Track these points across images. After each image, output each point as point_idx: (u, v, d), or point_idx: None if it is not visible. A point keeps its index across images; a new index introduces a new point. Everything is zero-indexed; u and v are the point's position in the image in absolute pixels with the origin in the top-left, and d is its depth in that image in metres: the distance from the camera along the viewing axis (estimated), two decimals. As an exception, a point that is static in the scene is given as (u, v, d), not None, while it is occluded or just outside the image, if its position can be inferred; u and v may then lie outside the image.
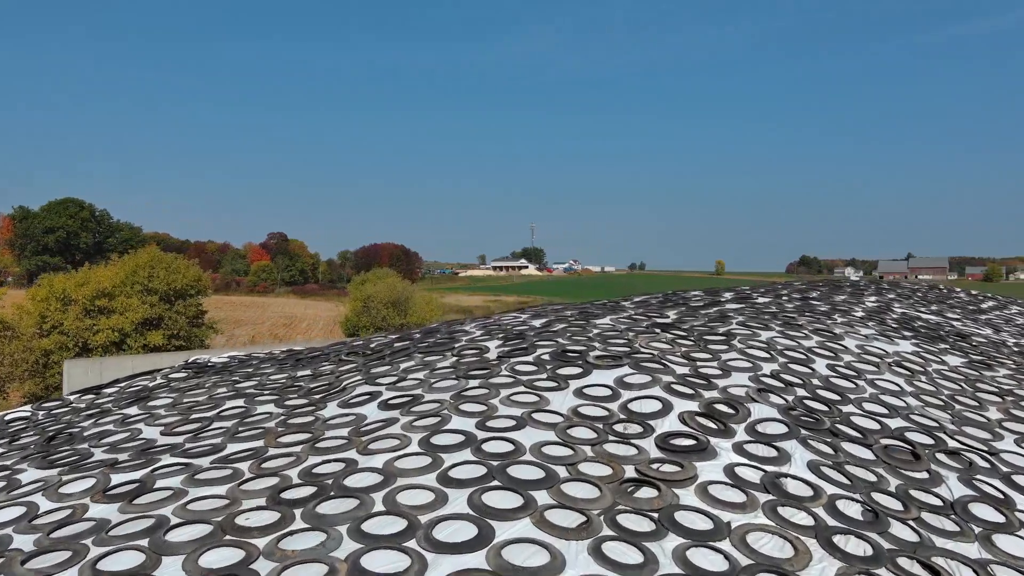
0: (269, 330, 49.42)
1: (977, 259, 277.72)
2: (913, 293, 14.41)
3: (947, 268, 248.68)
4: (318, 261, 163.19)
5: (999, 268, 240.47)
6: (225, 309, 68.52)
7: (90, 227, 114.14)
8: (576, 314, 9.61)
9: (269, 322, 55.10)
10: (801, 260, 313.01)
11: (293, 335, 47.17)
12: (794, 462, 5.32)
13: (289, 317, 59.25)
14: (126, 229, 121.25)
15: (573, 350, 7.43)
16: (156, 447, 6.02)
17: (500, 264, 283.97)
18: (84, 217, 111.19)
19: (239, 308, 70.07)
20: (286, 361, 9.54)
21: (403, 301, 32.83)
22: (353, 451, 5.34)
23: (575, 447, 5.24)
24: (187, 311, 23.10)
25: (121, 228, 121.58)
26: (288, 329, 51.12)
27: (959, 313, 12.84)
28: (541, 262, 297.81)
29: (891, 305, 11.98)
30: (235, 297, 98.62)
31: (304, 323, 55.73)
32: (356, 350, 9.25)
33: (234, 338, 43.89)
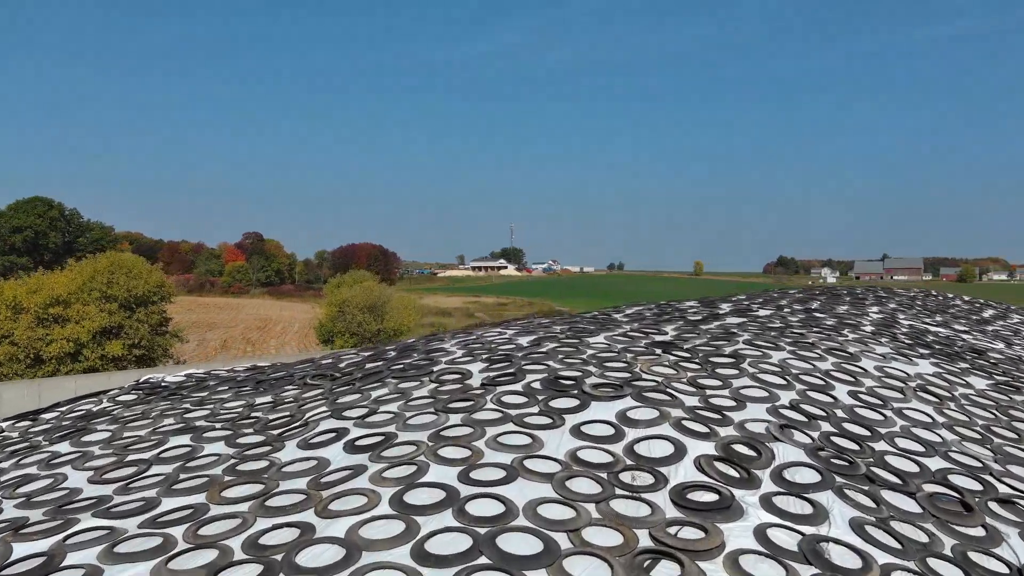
0: (242, 333, 48.08)
1: (950, 260, 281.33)
2: (913, 302, 13.77)
3: (922, 269, 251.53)
4: (294, 261, 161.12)
5: (972, 269, 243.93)
6: (198, 311, 66.93)
7: (59, 226, 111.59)
8: (566, 331, 8.78)
9: (242, 325, 53.71)
10: (779, 261, 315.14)
11: (266, 339, 45.90)
12: (833, 520, 4.52)
13: (263, 320, 57.87)
14: (97, 229, 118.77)
15: (567, 377, 6.59)
16: (79, 501, 5.09)
17: (479, 264, 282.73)
18: (53, 216, 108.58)
19: (212, 310, 68.50)
20: (246, 383, 8.62)
21: (380, 306, 31.74)
22: (311, 511, 4.46)
23: (576, 506, 4.40)
24: (149, 319, 21.88)
25: (92, 228, 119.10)
26: (262, 332, 49.83)
27: (965, 324, 12.21)
28: (520, 262, 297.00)
29: (896, 316, 11.30)
30: (209, 298, 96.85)
31: (279, 326, 54.41)
32: (324, 371, 8.36)
33: (205, 342, 42.57)
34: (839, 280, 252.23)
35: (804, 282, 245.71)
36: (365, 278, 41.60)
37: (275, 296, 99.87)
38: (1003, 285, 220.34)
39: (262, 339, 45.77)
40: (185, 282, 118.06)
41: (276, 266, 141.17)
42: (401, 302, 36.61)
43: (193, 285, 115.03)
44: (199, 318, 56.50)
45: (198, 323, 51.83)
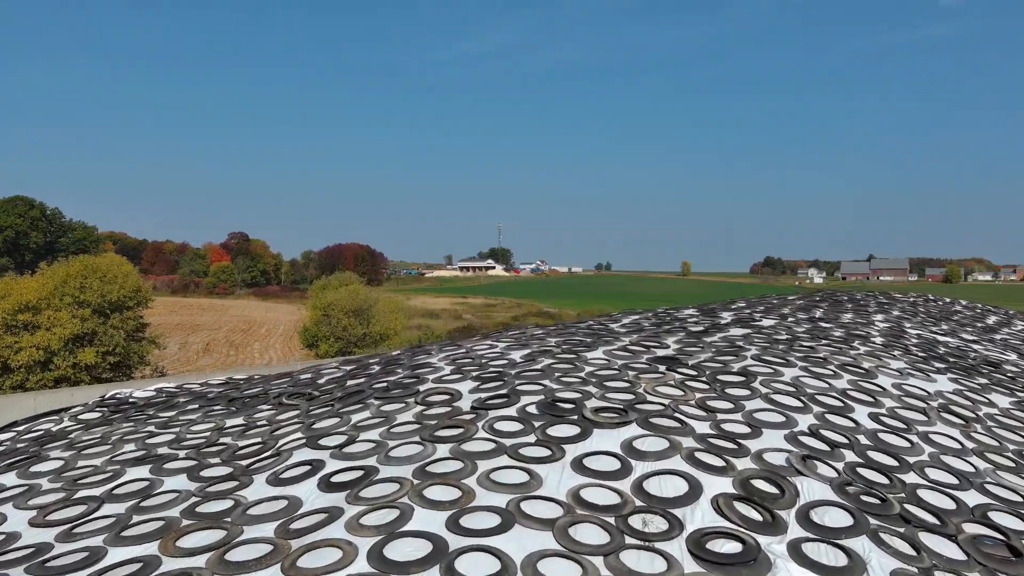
0: (226, 336, 47.26)
1: (935, 260, 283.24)
2: (916, 308, 13.32)
3: (907, 269, 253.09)
4: (280, 262, 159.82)
5: (958, 269, 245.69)
6: (181, 313, 65.95)
7: (41, 226, 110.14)
8: (562, 344, 8.23)
9: (227, 327, 52.84)
10: (766, 261, 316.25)
11: (250, 342, 45.08)
12: (872, 572, 4.00)
13: (248, 321, 57.00)
14: (79, 228, 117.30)
15: (565, 399, 6.04)
16: (13, 550, 4.48)
17: (467, 265, 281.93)
18: (34, 216, 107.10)
19: (196, 312, 67.54)
20: (217, 401, 8.01)
21: (365, 309, 31.04)
22: (277, 567, 3.88)
23: (583, 560, 3.85)
24: (125, 325, 21.10)
25: (74, 227, 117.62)
26: (246, 335, 48.98)
27: (972, 332, 11.76)
28: (508, 263, 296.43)
29: (902, 325, 10.83)
30: (193, 299, 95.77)
31: (263, 328, 53.57)
32: (301, 389, 7.77)
33: (187, 346, 41.74)
34: (826, 281, 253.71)
35: (791, 282, 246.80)
36: (351, 280, 40.88)
37: (260, 297, 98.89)
38: (988, 286, 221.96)
39: (246, 342, 44.95)
40: (169, 283, 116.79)
41: (262, 267, 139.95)
42: (387, 305, 35.92)
43: (177, 286, 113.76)
44: (182, 320, 55.56)
45: (181, 325, 50.92)
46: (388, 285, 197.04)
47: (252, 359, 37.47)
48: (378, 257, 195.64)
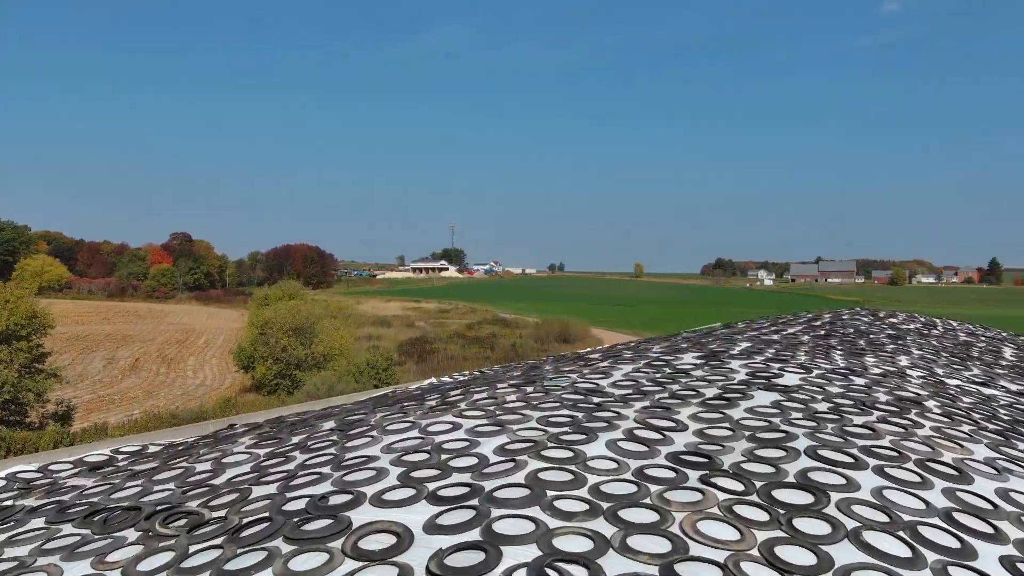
0: (159, 349, 43.95)
1: (879, 262, 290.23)
2: (929, 342, 11.70)
3: (855, 271, 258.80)
4: (226, 263, 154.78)
5: (903, 272, 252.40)
6: (115, 320, 61.98)
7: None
8: (546, 425, 6.19)
9: (162, 337, 49.40)
10: (716, 263, 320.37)
11: (185, 356, 41.92)
12: None
13: (186, 330, 53.53)
14: (8, 228, 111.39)
15: (572, 558, 4.01)
16: None
17: (420, 266, 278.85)
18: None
19: (131, 319, 63.64)
20: (71, 514, 5.76)
21: (308, 327, 28.51)
22: None
23: None
24: (17, 357, 18.25)
25: (2, 227, 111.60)
26: (181, 348, 45.70)
27: (1006, 372, 10.13)
28: (462, 263, 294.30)
29: (936, 373, 9.11)
30: (131, 304, 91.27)
31: (202, 338, 50.27)
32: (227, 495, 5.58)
33: (114, 362, 38.49)
34: (775, 283, 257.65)
35: (742, 284, 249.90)
36: (295, 291, 38.23)
37: (202, 302, 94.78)
38: (932, 288, 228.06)
39: (180, 356, 41.77)
40: (105, 286, 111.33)
41: (205, 269, 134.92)
42: (335, 308, 33.31)
43: (114, 289, 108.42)
44: (114, 329, 51.90)
45: (112, 336, 47.35)
46: (338, 287, 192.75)
47: (184, 378, 34.52)
48: (328, 258, 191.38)
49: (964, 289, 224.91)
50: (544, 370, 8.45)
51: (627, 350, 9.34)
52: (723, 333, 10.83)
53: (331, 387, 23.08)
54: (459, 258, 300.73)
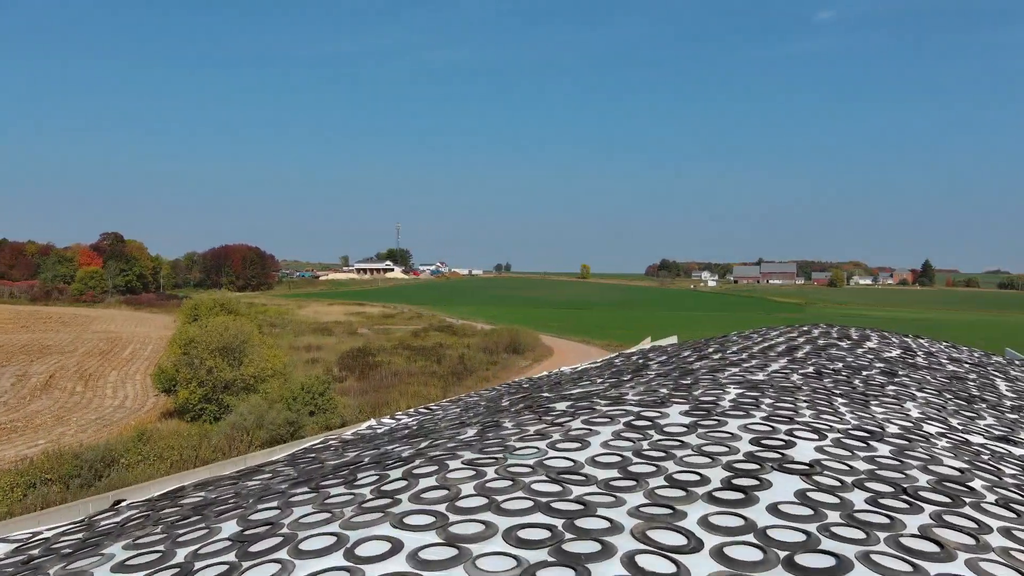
0: (78, 363, 40.83)
1: (817, 263, 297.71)
2: (920, 373, 10.79)
3: (795, 273, 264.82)
4: (160, 265, 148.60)
5: (841, 274, 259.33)
6: (36, 328, 58.15)
7: None
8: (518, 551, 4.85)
9: (83, 348, 46.18)
10: (661, 264, 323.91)
11: (107, 371, 39.06)
12: None
13: (111, 340, 50.30)
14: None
15: None
16: None
17: (364, 266, 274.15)
18: None
19: (53, 326, 59.83)
20: None
21: (237, 347, 26.26)
22: None
23: None
24: None
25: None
26: (103, 360, 42.65)
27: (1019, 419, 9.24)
28: (407, 264, 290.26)
29: (949, 424, 8.13)
30: (55, 308, 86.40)
31: (128, 348, 47.20)
32: None
33: (24, 379, 35.47)
34: (719, 283, 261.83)
35: (686, 285, 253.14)
36: (228, 300, 35.92)
37: (133, 306, 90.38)
38: (869, 290, 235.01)
39: (101, 371, 38.85)
40: (29, 289, 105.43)
41: (138, 270, 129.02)
42: (266, 341, 30.89)
43: (38, 293, 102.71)
44: (32, 339, 48.40)
45: (27, 347, 43.98)
46: (279, 289, 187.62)
47: (103, 398, 31.83)
48: (268, 259, 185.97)
49: (901, 291, 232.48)
50: (503, 426, 7.06)
51: (599, 399, 8.03)
52: (700, 366, 9.64)
53: (260, 417, 21.18)
54: (405, 258, 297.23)
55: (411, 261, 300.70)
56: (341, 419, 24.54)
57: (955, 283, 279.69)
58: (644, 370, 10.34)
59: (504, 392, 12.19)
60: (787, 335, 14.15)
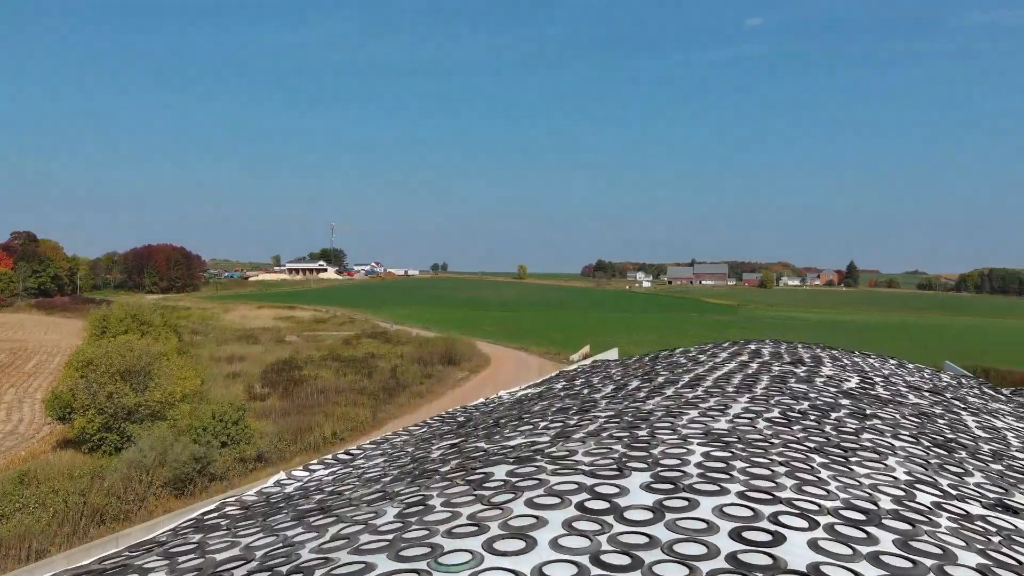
0: (-27, 377, 37.48)
1: (747, 264, 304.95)
2: (911, 432, 10.14)
3: (727, 274, 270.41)
4: (77, 265, 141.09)
5: (771, 275, 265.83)
6: (-68, 335, 53.76)
7: None
8: None
9: (-17, 359, 42.61)
10: (597, 265, 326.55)
11: (3, 388, 35.85)
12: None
13: (15, 349, 46.71)
14: None
15: None
16: None
17: (297, 267, 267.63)
18: None
19: (-48, 333, 55.39)
20: None
21: (142, 369, 23.95)
22: None
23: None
24: None
25: None
26: (2, 375, 39.34)
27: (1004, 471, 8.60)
28: (341, 264, 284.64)
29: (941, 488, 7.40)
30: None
31: (33, 360, 43.81)
32: None
33: (-90, 397, 32.17)
34: (654, 284, 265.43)
35: (622, 286, 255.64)
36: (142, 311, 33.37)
37: (45, 310, 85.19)
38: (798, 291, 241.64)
39: None
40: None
41: (53, 271, 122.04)
42: (178, 361, 28.12)
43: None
44: (-75, 348, 44.42)
45: (-81, 358, 40.23)
46: (207, 290, 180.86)
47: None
48: (194, 260, 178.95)
49: (828, 292, 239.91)
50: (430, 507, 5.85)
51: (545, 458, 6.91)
52: (653, 406, 8.65)
53: (163, 452, 19.15)
54: (339, 258, 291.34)
55: (345, 261, 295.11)
56: (257, 451, 22.73)
57: (878, 283, 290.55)
58: (591, 408, 9.31)
59: (436, 429, 11.02)
60: (738, 358, 13.36)
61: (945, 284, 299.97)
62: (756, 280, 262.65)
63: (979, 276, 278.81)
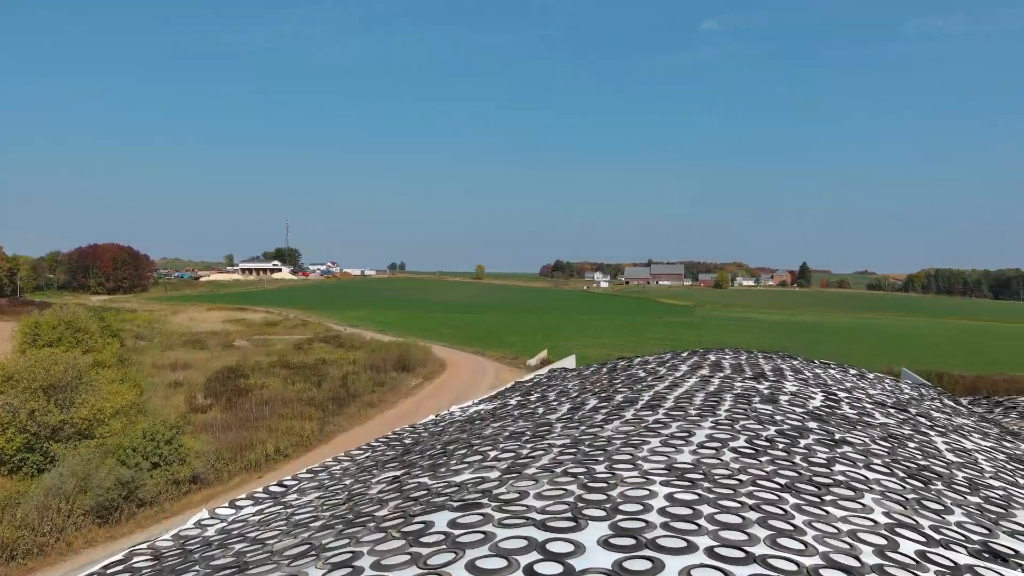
0: None
1: (703, 264, 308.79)
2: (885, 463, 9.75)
3: (683, 274, 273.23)
4: (17, 265, 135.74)
5: (726, 275, 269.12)
6: None
7: None
8: None
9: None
10: (555, 265, 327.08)
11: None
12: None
13: (-56, 356, 44.02)
14: None
15: None
16: None
17: (250, 266, 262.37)
18: None
19: None
20: None
21: (68, 384, 22.27)
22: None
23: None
24: None
25: None
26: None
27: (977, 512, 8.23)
28: (296, 264, 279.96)
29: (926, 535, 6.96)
30: None
31: (-39, 368, 41.32)
32: None
33: None
34: (611, 284, 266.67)
35: (580, 286, 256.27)
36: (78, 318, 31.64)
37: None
38: (752, 291, 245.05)
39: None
40: None
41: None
42: (109, 375, 26.28)
43: None
44: None
45: None
46: (156, 291, 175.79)
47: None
48: (142, 259, 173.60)
49: (782, 292, 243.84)
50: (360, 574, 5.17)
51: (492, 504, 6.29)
52: (611, 431, 8.10)
53: (86, 478, 17.78)
54: (294, 258, 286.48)
55: (300, 261, 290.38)
56: (192, 472, 21.32)
57: (829, 284, 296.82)
58: (546, 435, 8.71)
59: (379, 455, 10.35)
60: (698, 372, 12.87)
61: (893, 284, 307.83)
62: (711, 280, 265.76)
63: (926, 277, 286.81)
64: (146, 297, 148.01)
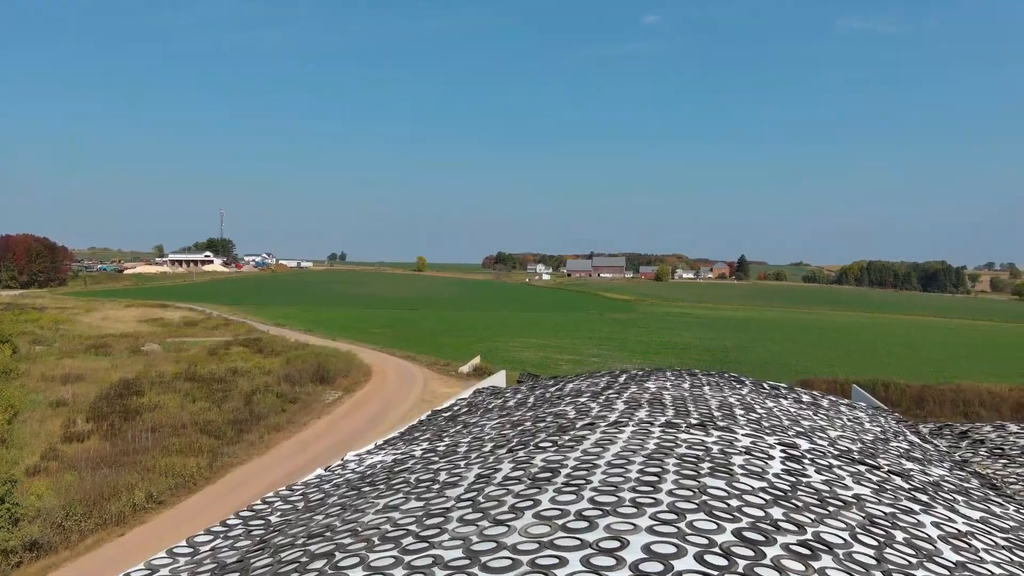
0: None
1: (644, 256, 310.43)
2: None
3: (624, 267, 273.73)
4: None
5: (667, 268, 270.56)
6: None
7: None
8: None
9: None
10: (498, 256, 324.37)
11: None
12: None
13: None
14: None
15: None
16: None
17: (180, 258, 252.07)
18: None
19: None
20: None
21: None
22: None
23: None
24: None
25: None
26: None
27: None
28: (230, 255, 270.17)
29: None
30: None
31: None
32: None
33: None
34: (553, 276, 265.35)
35: (522, 278, 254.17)
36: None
37: None
38: (693, 284, 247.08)
39: None
40: None
41: None
42: None
43: None
44: None
45: None
46: (75, 284, 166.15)
47: None
48: (60, 251, 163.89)
49: (721, 285, 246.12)
50: None
51: None
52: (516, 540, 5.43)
53: None
54: (227, 249, 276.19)
55: (234, 251, 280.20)
56: (29, 538, 17.70)
57: (767, 276, 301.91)
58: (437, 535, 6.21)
59: (235, 540, 7.57)
60: (637, 416, 10.31)
61: (828, 276, 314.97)
62: (652, 273, 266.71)
63: (859, 269, 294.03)
64: (62, 292, 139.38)
